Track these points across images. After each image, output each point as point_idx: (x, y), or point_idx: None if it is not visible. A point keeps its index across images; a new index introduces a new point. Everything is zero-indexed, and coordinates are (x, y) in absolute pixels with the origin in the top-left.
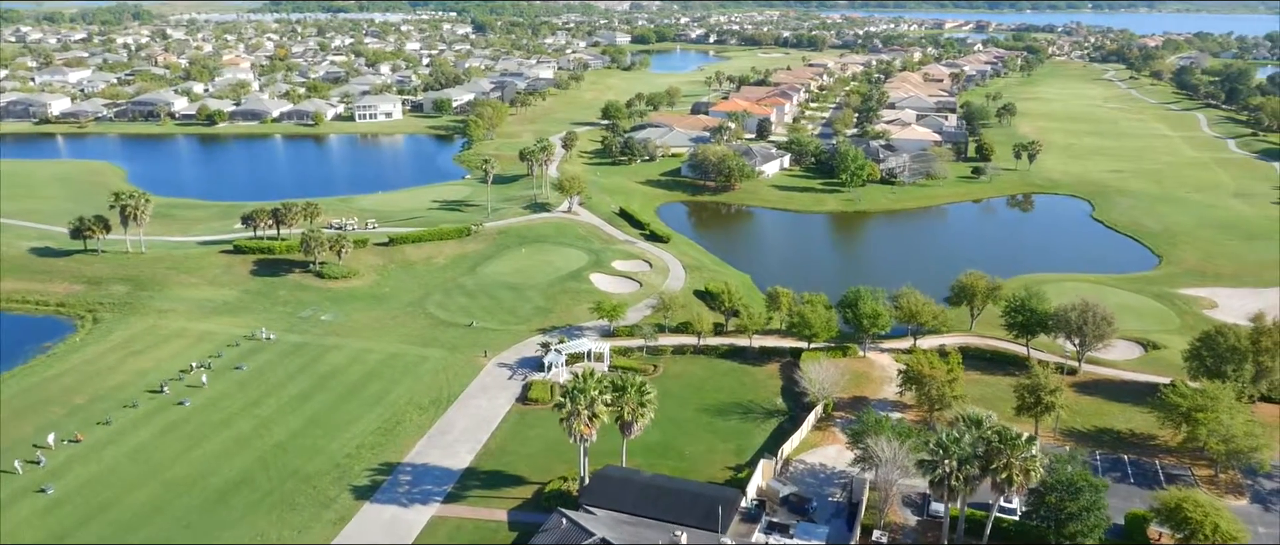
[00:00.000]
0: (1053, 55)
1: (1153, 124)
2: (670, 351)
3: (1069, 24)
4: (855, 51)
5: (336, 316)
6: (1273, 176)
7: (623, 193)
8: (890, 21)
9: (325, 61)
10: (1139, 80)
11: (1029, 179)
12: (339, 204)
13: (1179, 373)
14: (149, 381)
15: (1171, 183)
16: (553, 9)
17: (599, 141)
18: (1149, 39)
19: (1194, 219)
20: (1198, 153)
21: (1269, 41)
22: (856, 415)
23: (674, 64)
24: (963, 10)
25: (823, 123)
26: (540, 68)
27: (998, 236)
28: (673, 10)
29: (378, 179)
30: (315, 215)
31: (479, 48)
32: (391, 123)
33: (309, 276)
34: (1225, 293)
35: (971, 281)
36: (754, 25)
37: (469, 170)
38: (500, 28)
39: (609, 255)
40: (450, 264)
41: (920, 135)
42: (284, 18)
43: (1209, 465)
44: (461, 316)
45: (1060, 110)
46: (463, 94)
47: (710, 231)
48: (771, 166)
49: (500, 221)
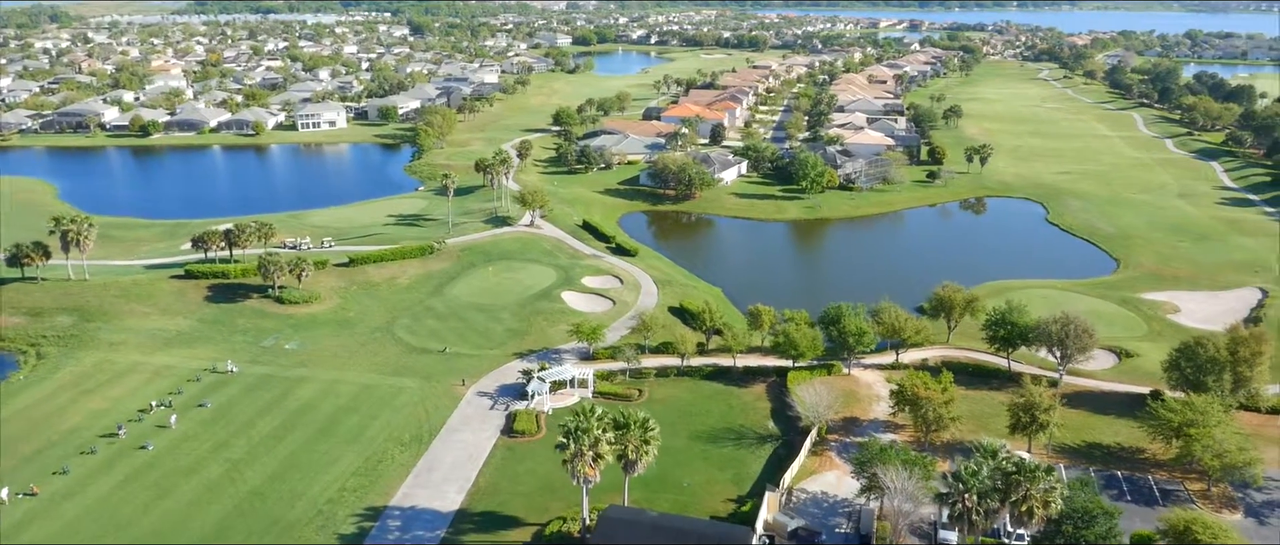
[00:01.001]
0: (987, 55)
1: (1092, 124)
2: (654, 374)
3: (999, 23)
4: (797, 52)
5: (301, 345)
6: (1212, 176)
7: (583, 203)
8: (827, 21)
9: (261, 67)
10: (1073, 80)
11: (982, 182)
12: (290, 221)
13: (1156, 382)
14: (105, 424)
15: (1118, 184)
16: (489, 9)
17: (553, 149)
18: (1077, 38)
19: (1144, 221)
20: (1139, 153)
21: (1189, 39)
22: (861, 444)
23: (617, 66)
24: (894, 9)
25: (774, 126)
26: (485, 72)
27: (960, 242)
28: (610, 10)
29: (327, 192)
30: (270, 236)
31: (419, 50)
32: (336, 131)
33: (268, 302)
34: (1185, 296)
35: (949, 294)
36: (693, 25)
37: (422, 181)
38: (438, 30)
39: (578, 271)
40: (415, 284)
41: (874, 140)
42: (212, 20)
43: (1199, 478)
44: (433, 341)
45: (1003, 111)
46: (408, 101)
47: (675, 242)
48: (730, 173)
49: (463, 238)
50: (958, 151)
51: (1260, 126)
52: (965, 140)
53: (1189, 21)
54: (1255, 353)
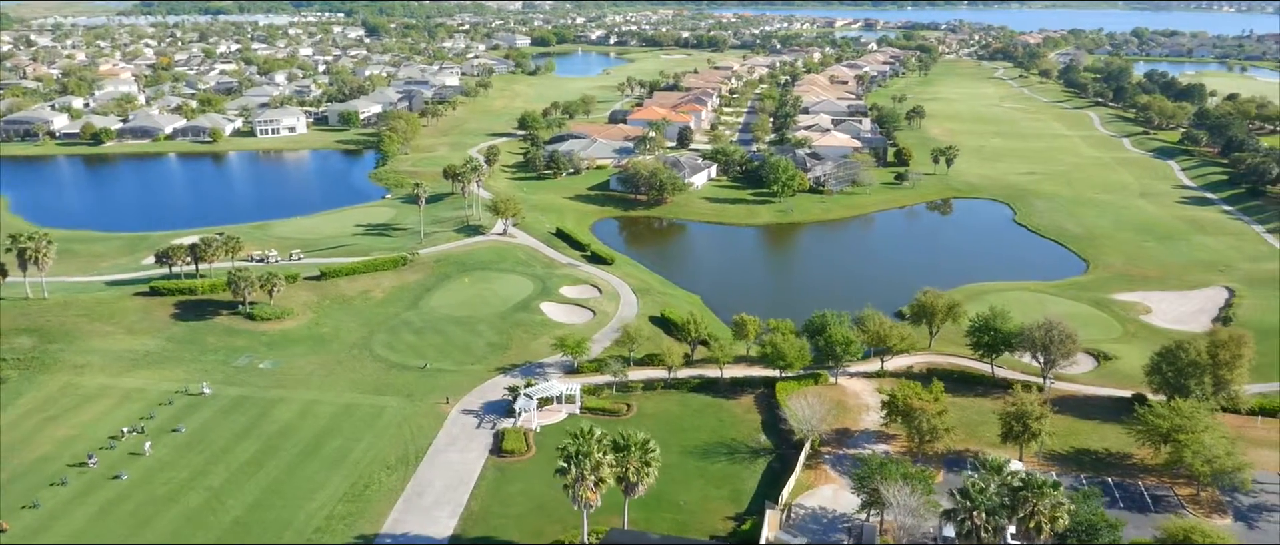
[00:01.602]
0: (943, 54)
1: (1051, 124)
2: (640, 387)
3: (952, 21)
4: (757, 52)
5: (276, 364)
6: (1170, 175)
7: (554, 210)
8: (783, 20)
9: (214, 71)
10: (1029, 79)
11: (949, 183)
12: (254, 232)
13: (1136, 385)
14: (75, 452)
15: (1081, 184)
16: (445, 8)
17: (520, 154)
18: (1030, 36)
19: (1110, 221)
20: (1098, 152)
21: (1136, 37)
22: (854, 456)
23: (577, 67)
24: (849, 9)
25: (739, 128)
26: (445, 74)
27: (932, 244)
28: (567, 9)
29: (291, 201)
30: (237, 250)
31: (376, 52)
32: (296, 137)
33: (239, 319)
34: (1156, 297)
35: (930, 300)
36: (652, 26)
37: (388, 188)
38: (394, 31)
39: (555, 281)
40: (390, 298)
41: (841, 142)
42: (160, 21)
43: (1188, 483)
44: (412, 357)
45: (964, 111)
46: (369, 105)
47: (650, 249)
48: (700, 177)
49: (435, 248)
50: (923, 152)
51: (1214, 126)
52: (929, 141)
53: (1134, 19)
54: (1235, 356)
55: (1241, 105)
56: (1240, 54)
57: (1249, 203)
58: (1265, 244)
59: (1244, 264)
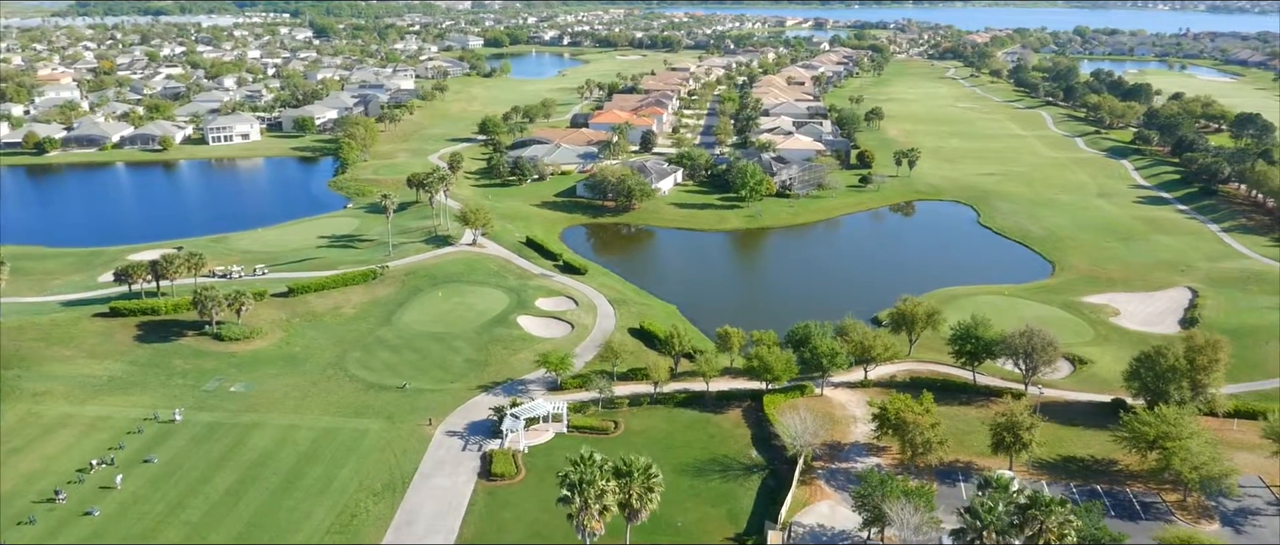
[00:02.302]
0: (894, 53)
1: (1006, 124)
2: (627, 403)
3: (901, 21)
4: (711, 53)
5: (248, 386)
6: (1125, 175)
7: (521, 218)
8: (735, 20)
9: (159, 75)
10: (980, 78)
11: (912, 185)
12: (213, 245)
13: (1114, 389)
14: (41, 488)
15: (1040, 185)
16: (393, 8)
17: (483, 160)
18: (978, 36)
19: (1071, 222)
20: (1055, 153)
21: (1079, 36)
22: (846, 469)
23: (532, 68)
24: (799, 8)
25: (701, 131)
26: (400, 78)
27: (901, 248)
28: (517, 9)
29: (249, 212)
30: (200, 267)
31: (326, 55)
32: (250, 145)
33: (206, 340)
34: (1123, 298)
35: (910, 308)
36: (605, 26)
37: (349, 198)
38: (343, 32)
39: (529, 293)
40: (361, 314)
41: (804, 145)
42: (98, 23)
43: (1173, 489)
44: (389, 377)
45: (920, 111)
46: (324, 110)
47: (622, 257)
48: (666, 183)
49: (404, 260)
50: (884, 154)
51: (1164, 126)
52: (889, 142)
53: (1075, 18)
54: (1212, 360)
55: (1187, 105)
56: (1179, 52)
57: (1202, 202)
58: (1222, 243)
59: (1203, 264)
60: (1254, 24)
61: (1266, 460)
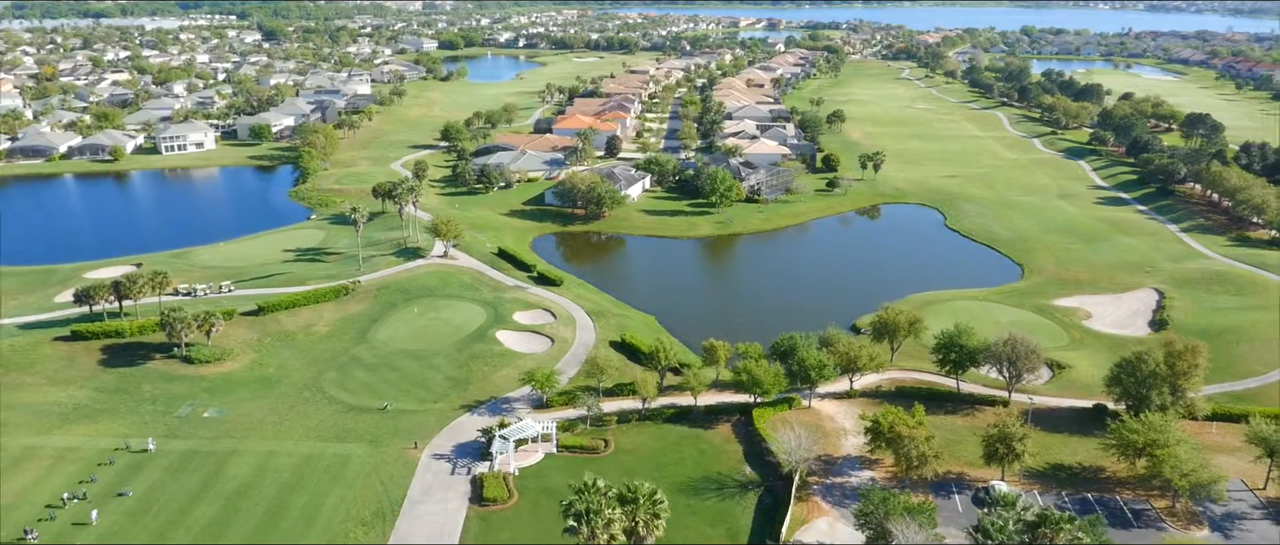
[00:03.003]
0: (849, 54)
1: (963, 125)
2: (615, 420)
3: (852, 21)
4: (668, 54)
5: (222, 411)
6: (1083, 175)
7: (490, 227)
8: (689, 20)
9: (105, 81)
10: (935, 79)
11: (878, 189)
12: (174, 261)
13: (1094, 394)
14: (10, 527)
15: (1002, 187)
16: (342, 10)
17: (446, 167)
18: (929, 36)
19: (1035, 223)
20: (1014, 154)
21: (1026, 36)
22: (852, 490)
23: (488, 72)
24: (751, 8)
25: (665, 135)
26: (355, 82)
27: (872, 252)
28: (469, 10)
29: (209, 225)
30: (165, 286)
31: (278, 59)
32: (204, 154)
33: (175, 363)
34: (1091, 301)
35: (892, 316)
36: (560, 27)
37: (312, 208)
38: (293, 35)
39: (506, 306)
40: (335, 332)
41: (770, 149)
42: (37, 26)
43: (1161, 495)
44: (369, 397)
45: (879, 113)
46: (281, 117)
47: (596, 267)
48: (635, 189)
49: (375, 274)
50: (849, 157)
51: (1119, 126)
52: (851, 144)
53: (1021, 17)
54: (1192, 366)
55: (1138, 105)
56: (1124, 52)
57: (1160, 202)
58: (1182, 244)
59: (1167, 264)
60: (1192, 22)
61: (1250, 464)
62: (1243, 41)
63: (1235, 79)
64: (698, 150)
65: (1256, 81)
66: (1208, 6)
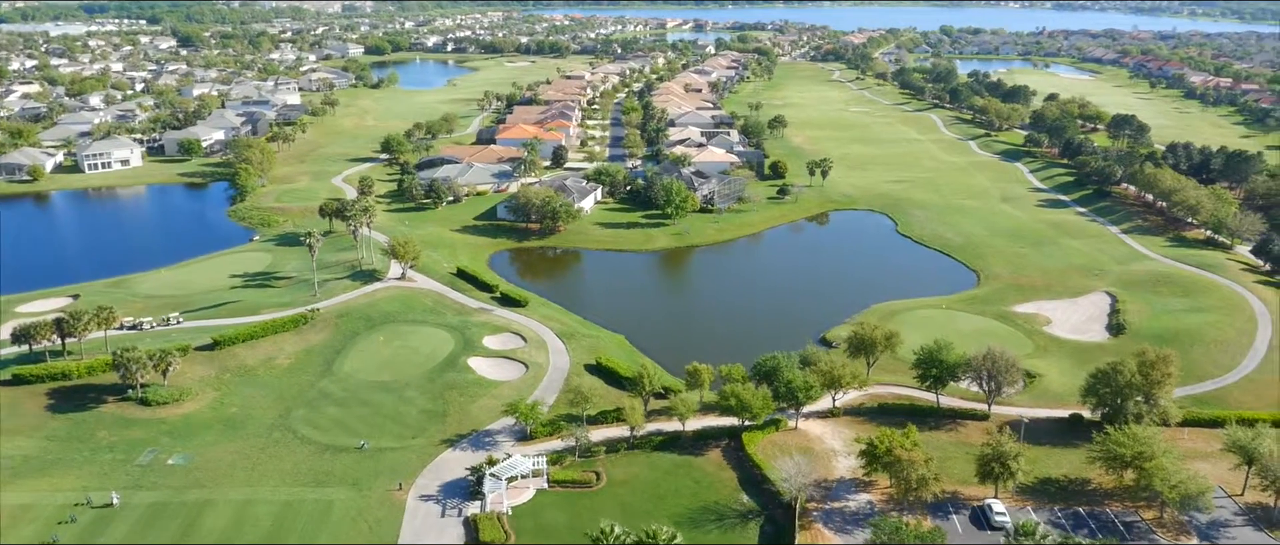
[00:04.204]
0: (779, 56)
1: (900, 128)
2: (603, 451)
3: (778, 22)
4: (600, 58)
5: (188, 458)
6: (1022, 178)
7: (444, 245)
8: (616, 22)
9: (13, 94)
10: (866, 81)
11: (827, 195)
12: (112, 291)
13: (1067, 402)
14: None
15: (947, 191)
16: (259, 13)
17: (391, 181)
18: (854, 36)
19: (983, 228)
20: (953, 157)
21: (946, 36)
22: (854, 514)
23: (419, 78)
24: (674, 8)
25: (609, 143)
26: (284, 92)
27: (831, 261)
28: (390, 12)
29: (145, 250)
30: (111, 321)
31: (198, 67)
32: (131, 172)
33: (130, 405)
34: (1048, 306)
35: (868, 332)
36: (488, 31)
37: (254, 229)
38: (211, 40)
39: (473, 331)
40: (298, 364)
41: (718, 157)
42: None
43: (1148, 505)
44: (343, 435)
45: (817, 117)
46: (209, 131)
47: (557, 284)
48: (588, 201)
49: (332, 300)
50: (795, 163)
51: (1052, 128)
52: (795, 150)
53: (937, 15)
54: (1165, 375)
55: (1066, 106)
56: (1040, 51)
57: (1098, 204)
58: (1124, 245)
59: (1114, 267)
60: (1098, 21)
61: (1227, 471)
62: (1149, 40)
63: (1148, 78)
64: (645, 158)
65: (1168, 80)
66: (1111, 6)
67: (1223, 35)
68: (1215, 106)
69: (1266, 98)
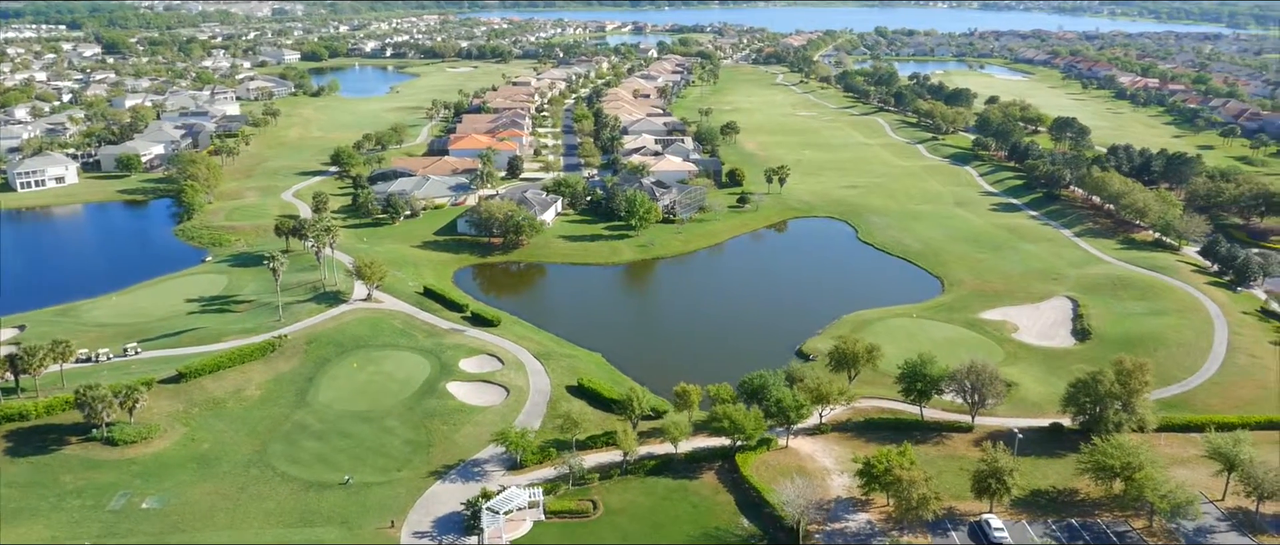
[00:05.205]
0: (721, 59)
1: (849, 132)
2: (597, 478)
3: (716, 24)
4: (544, 63)
5: (162, 500)
6: (972, 182)
7: (407, 263)
8: (555, 25)
9: None
10: (810, 84)
11: (786, 203)
12: (60, 319)
13: (1046, 411)
14: None
15: (902, 196)
16: (185, 18)
17: (344, 194)
18: (792, 38)
19: (941, 233)
20: (904, 162)
21: (883, 38)
22: (841, 529)
23: (359, 85)
24: (610, 9)
25: (563, 152)
26: (222, 102)
27: (797, 270)
28: (322, 15)
29: (90, 274)
30: (68, 354)
31: (128, 75)
32: (67, 189)
33: (95, 446)
34: (1014, 312)
35: (849, 346)
36: (426, 34)
37: (206, 249)
38: (138, 47)
39: (449, 354)
40: (269, 395)
41: (676, 166)
42: None
43: (1138, 515)
44: (326, 471)
45: (766, 122)
46: (148, 145)
47: (526, 301)
48: (549, 214)
49: (299, 325)
50: (753, 171)
51: (998, 132)
52: (749, 156)
53: (870, 16)
54: (1143, 383)
55: (1007, 109)
56: (974, 52)
57: (1049, 207)
58: (1079, 249)
59: (1071, 271)
60: (1024, 21)
61: (1207, 477)
62: (1075, 40)
63: (1080, 79)
64: (601, 168)
65: (1099, 81)
66: (1036, 6)
67: (1144, 35)
68: (1145, 107)
69: (1193, 98)
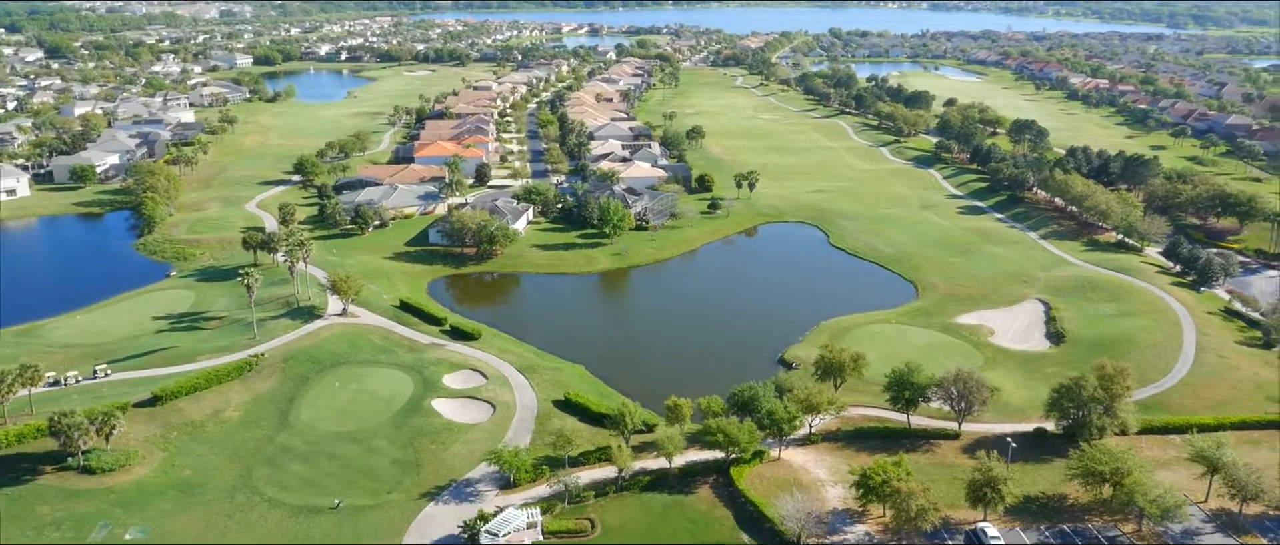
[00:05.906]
0: (680, 61)
1: (812, 135)
2: (592, 496)
3: (672, 25)
4: (503, 66)
5: (145, 531)
6: (937, 184)
7: (379, 274)
8: (511, 27)
9: None
10: (770, 87)
11: (756, 208)
12: (21, 340)
13: (1028, 416)
14: None
15: (870, 199)
16: (129, 20)
17: (309, 205)
18: (749, 40)
19: (911, 238)
20: (868, 165)
21: (838, 39)
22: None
23: (315, 90)
24: (564, 11)
25: (530, 158)
26: (176, 109)
27: (772, 276)
28: (273, 18)
29: (50, 292)
30: (37, 380)
31: (75, 81)
32: (19, 202)
33: (71, 476)
34: (988, 316)
35: (835, 355)
36: (381, 37)
37: (170, 263)
38: (83, 51)
39: (431, 370)
40: (249, 417)
41: (645, 172)
42: None
43: (1126, 519)
44: (314, 495)
45: (730, 125)
46: (102, 155)
47: (504, 313)
48: (521, 222)
49: (275, 342)
50: (722, 176)
51: (960, 134)
52: (716, 161)
53: (821, 17)
54: (1124, 388)
55: (966, 111)
56: (927, 53)
57: (1014, 210)
58: (1046, 251)
59: (1040, 273)
60: (972, 21)
61: (1190, 480)
62: (1025, 41)
63: (1033, 80)
64: (569, 174)
65: (1052, 82)
66: (983, 6)
67: (1089, 36)
68: (1097, 108)
69: (1143, 99)
